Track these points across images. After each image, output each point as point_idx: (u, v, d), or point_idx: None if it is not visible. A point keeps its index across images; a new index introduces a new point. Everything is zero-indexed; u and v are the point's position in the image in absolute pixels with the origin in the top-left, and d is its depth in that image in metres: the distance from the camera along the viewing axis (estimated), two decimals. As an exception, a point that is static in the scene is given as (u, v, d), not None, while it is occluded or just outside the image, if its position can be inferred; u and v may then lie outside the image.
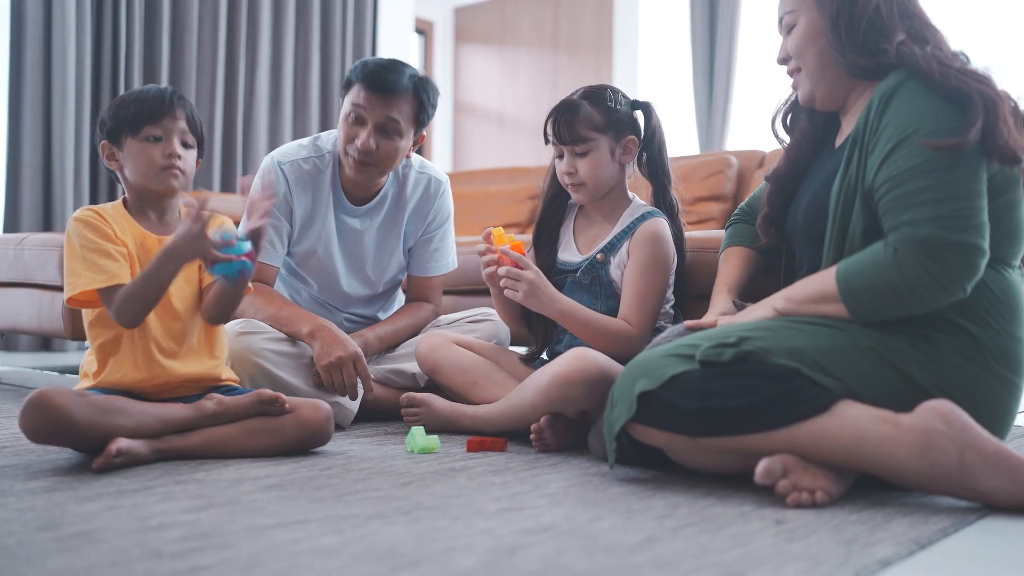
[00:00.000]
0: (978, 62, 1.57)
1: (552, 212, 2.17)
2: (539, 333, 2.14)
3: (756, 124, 6.31)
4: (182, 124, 1.79)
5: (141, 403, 1.69)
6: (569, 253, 2.13)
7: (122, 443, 1.58)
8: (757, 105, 6.34)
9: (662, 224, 2.06)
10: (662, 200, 2.11)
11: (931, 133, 1.45)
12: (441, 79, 7.79)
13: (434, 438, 1.86)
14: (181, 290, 1.81)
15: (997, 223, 1.49)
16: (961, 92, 1.47)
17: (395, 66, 2.21)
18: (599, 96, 2.05)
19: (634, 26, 6.76)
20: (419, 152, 2.45)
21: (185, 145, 1.80)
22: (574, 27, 7.14)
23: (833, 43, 1.61)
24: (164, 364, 1.77)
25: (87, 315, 1.79)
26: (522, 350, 2.22)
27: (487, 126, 7.65)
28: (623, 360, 1.81)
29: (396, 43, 5.91)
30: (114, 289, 1.69)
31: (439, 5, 7.76)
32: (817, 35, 1.63)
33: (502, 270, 1.96)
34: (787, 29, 1.68)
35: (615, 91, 2.07)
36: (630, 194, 2.14)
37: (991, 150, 1.45)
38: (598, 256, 2.07)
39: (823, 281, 1.53)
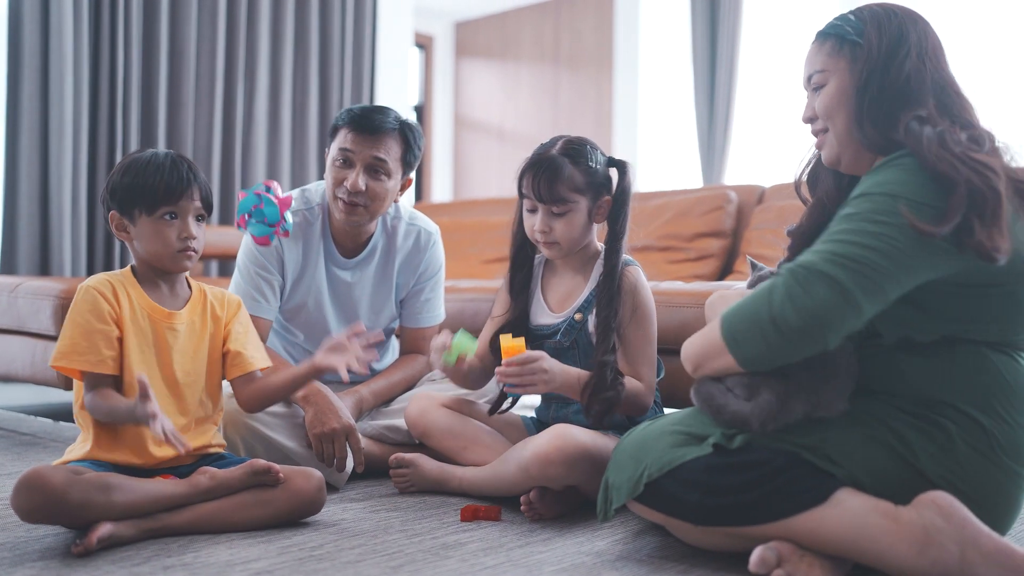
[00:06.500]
0: (1006, 141, 1.48)
1: (521, 263, 2.08)
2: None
3: (759, 134, 6.29)
4: (197, 203, 1.79)
5: (135, 480, 1.67)
6: (542, 314, 2.05)
7: (104, 530, 1.56)
8: (760, 115, 6.32)
9: (639, 272, 2.00)
10: (611, 248, 1.97)
11: (909, 202, 1.37)
12: (441, 94, 7.78)
13: (471, 343, 1.89)
14: (184, 364, 1.81)
15: (1017, 306, 1.44)
16: (948, 178, 1.37)
17: (380, 109, 2.25)
18: (580, 154, 1.95)
19: (635, 40, 6.73)
20: (415, 179, 2.43)
21: (198, 219, 1.80)
22: (575, 41, 7.11)
23: (855, 112, 1.52)
24: (159, 448, 1.76)
25: None
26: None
27: (487, 141, 7.63)
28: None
29: (396, 58, 5.86)
30: (96, 376, 1.70)
31: (439, 19, 7.74)
32: (848, 99, 1.54)
33: (510, 372, 1.81)
34: (815, 88, 1.59)
35: (593, 147, 1.99)
36: (599, 245, 2.05)
37: (966, 244, 1.36)
38: (576, 316, 2.00)
39: (711, 330, 1.47)
